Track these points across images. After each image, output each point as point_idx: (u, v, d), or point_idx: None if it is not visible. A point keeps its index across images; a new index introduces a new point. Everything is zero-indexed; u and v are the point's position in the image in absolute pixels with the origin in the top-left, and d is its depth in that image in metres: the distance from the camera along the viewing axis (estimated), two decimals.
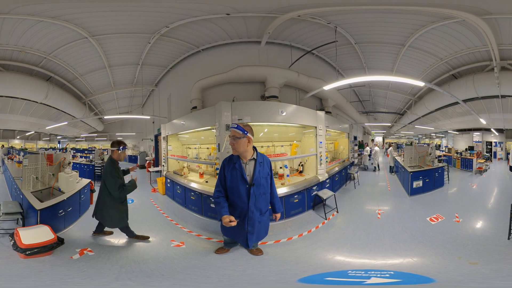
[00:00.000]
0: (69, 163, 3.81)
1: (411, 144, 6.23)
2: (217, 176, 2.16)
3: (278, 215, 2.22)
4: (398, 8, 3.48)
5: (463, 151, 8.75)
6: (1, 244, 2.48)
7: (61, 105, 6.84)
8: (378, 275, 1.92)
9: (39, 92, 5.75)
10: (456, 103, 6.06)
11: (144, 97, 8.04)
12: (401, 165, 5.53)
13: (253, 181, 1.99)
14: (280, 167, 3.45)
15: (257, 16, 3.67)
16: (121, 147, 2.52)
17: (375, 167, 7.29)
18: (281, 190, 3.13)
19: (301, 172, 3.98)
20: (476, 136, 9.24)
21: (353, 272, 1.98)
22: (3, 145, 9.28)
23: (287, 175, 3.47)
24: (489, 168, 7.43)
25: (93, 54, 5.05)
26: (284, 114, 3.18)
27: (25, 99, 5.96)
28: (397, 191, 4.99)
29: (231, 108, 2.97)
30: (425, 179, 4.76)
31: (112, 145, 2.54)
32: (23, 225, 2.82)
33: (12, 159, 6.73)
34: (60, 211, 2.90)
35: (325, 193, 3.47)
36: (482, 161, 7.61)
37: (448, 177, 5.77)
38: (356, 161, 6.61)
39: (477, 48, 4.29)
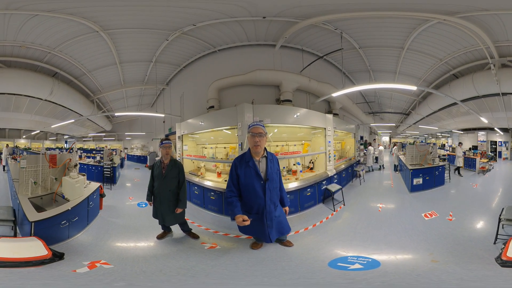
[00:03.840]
0: (76, 165, 3.53)
1: (413, 143, 6.62)
2: (228, 177, 2.24)
3: (287, 209, 2.39)
4: (387, 14, 3.84)
5: (466, 150, 8.86)
6: None
7: (68, 103, 6.76)
8: (360, 261, 2.19)
9: (44, 88, 5.61)
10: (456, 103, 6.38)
11: (154, 96, 8.25)
12: (404, 163, 5.96)
13: (267, 177, 2.16)
14: (294, 164, 3.93)
15: (280, 21, 3.95)
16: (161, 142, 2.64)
17: (380, 166, 7.69)
18: (294, 184, 3.59)
19: (311, 168, 4.46)
20: (481, 135, 9.49)
21: (351, 258, 2.29)
22: (7, 145, 9.38)
23: (300, 171, 3.95)
24: (493, 168, 7.60)
25: (103, 49, 4.99)
26: (297, 117, 3.64)
27: (29, 96, 5.81)
28: (399, 188, 5.36)
29: (253, 110, 3.41)
30: (425, 177, 5.07)
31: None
32: (15, 235, 2.58)
33: (15, 159, 6.54)
34: (63, 222, 2.61)
35: (333, 187, 3.96)
36: (485, 160, 7.79)
37: (449, 176, 6.02)
38: (362, 159, 7.04)
39: (474, 46, 4.51)
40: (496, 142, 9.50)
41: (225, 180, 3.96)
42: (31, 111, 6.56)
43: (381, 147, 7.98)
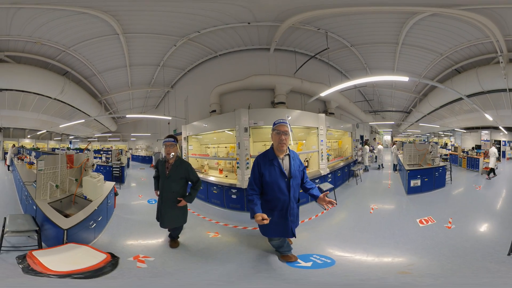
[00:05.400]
0: (93, 164, 3.70)
1: (413, 142, 6.85)
2: (250, 175, 2.32)
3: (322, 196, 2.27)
4: (375, 9, 3.87)
5: (469, 150, 9.01)
6: (2, 261, 2.13)
7: (77, 102, 6.93)
8: (316, 260, 2.33)
9: (55, 86, 5.66)
10: (460, 99, 6.08)
11: (159, 98, 8.84)
12: (402, 163, 6.15)
13: (291, 174, 2.25)
14: None
15: (266, 26, 4.43)
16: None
17: (379, 165, 8.04)
18: None
19: (306, 167, 4.95)
20: (484, 134, 9.59)
21: (313, 256, 2.40)
22: (14, 145, 9.66)
23: None
24: (497, 168, 7.41)
25: (116, 52, 5.28)
26: (289, 118, 4.15)
27: (38, 94, 5.83)
28: (396, 189, 5.37)
29: (248, 114, 3.95)
30: (423, 178, 4.99)
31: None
32: (40, 245, 2.39)
33: (22, 159, 6.68)
34: (91, 223, 2.68)
35: (325, 186, 4.42)
36: (489, 160, 7.53)
37: (450, 177, 5.93)
38: (360, 159, 7.40)
39: (479, 40, 4.42)
40: (500, 141, 9.56)
41: (226, 176, 4.59)
42: (39, 110, 6.65)
43: (380, 146, 8.27)
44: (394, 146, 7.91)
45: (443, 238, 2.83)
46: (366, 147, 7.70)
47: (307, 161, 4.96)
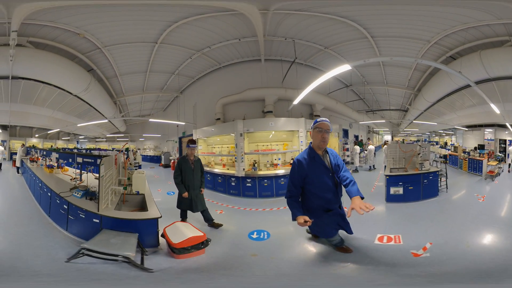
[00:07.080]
0: (130, 163, 4.50)
1: (403, 141, 7.80)
2: (288, 178, 2.58)
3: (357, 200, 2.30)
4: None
5: (471, 150, 8.71)
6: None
7: (97, 102, 7.68)
8: (265, 235, 3.40)
9: (81, 82, 5.95)
10: (457, 91, 6.58)
11: (167, 102, 11.12)
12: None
13: (333, 169, 2.57)
14: (275, 159, 6.59)
15: (251, 41, 5.85)
16: (188, 144, 3.94)
17: (370, 167, 9.06)
18: (279, 172, 6.17)
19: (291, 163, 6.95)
20: (488, 133, 9.89)
21: (264, 232, 3.44)
22: (23, 144, 10.24)
23: (278, 164, 6.57)
24: (503, 171, 7.48)
25: (143, 58, 6.23)
26: (272, 125, 6.23)
27: (59, 88, 6.00)
28: (378, 194, 5.34)
29: (243, 123, 6.13)
30: (406, 185, 4.81)
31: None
32: (143, 248, 2.75)
33: (35, 161, 6.76)
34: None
35: None
36: (494, 163, 7.46)
37: (446, 183, 5.64)
38: (349, 159, 8.68)
39: (481, 22, 4.32)
40: (505, 140, 9.65)
41: (228, 169, 6.79)
42: (55, 106, 6.96)
43: (371, 146, 9.19)
44: (385, 146, 8.24)
45: (398, 269, 2.24)
46: (356, 147, 8.72)
47: (292, 159, 6.99)
